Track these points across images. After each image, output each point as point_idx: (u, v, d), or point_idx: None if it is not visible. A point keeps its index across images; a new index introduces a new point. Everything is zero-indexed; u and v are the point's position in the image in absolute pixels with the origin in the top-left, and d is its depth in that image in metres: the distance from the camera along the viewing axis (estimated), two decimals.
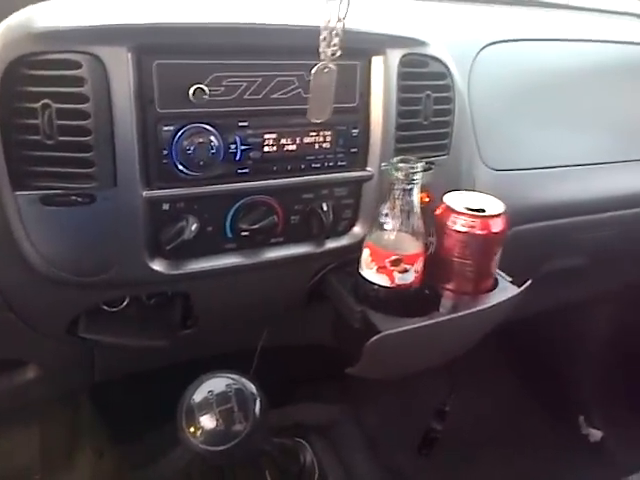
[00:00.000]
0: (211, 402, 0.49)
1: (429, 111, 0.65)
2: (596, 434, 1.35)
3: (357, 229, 0.65)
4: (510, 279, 0.69)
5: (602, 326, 1.38)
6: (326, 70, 0.51)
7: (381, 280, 0.60)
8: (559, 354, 1.40)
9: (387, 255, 0.59)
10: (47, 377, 0.63)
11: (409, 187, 0.58)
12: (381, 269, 0.59)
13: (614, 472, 0.92)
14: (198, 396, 0.50)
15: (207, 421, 0.48)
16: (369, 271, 0.60)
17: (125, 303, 0.59)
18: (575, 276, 1.05)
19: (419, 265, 0.61)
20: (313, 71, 0.50)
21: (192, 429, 0.49)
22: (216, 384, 0.50)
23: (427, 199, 0.68)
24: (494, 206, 0.64)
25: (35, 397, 0.67)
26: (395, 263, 0.59)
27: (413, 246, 0.60)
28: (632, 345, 1.34)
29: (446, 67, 0.66)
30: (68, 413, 0.78)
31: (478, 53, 0.85)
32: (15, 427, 0.77)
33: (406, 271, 0.60)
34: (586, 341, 1.38)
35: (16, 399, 0.65)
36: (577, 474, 1.23)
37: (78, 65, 0.46)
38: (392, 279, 0.60)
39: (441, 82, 0.66)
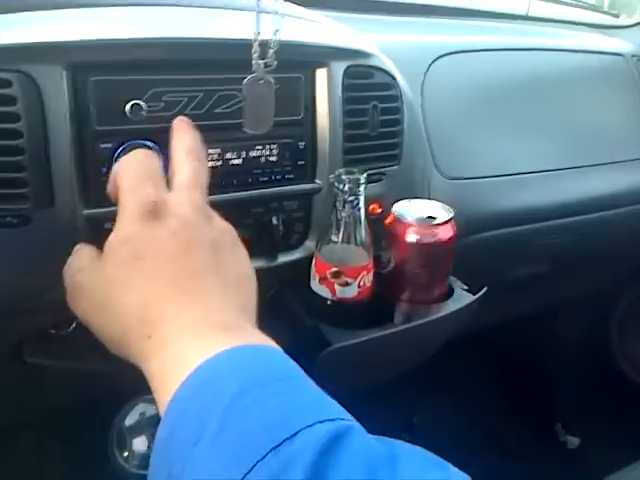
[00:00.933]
0: (142, 425, 0.48)
1: (376, 122, 0.65)
2: (573, 441, 1.35)
3: (309, 242, 0.65)
4: (466, 287, 0.69)
5: (576, 332, 1.39)
6: (262, 82, 0.51)
7: (323, 292, 0.60)
8: (534, 362, 1.40)
9: (328, 267, 0.59)
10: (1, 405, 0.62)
11: (354, 198, 0.58)
12: (322, 280, 0.59)
13: (592, 478, 0.92)
14: (129, 420, 0.49)
15: (139, 444, 0.47)
16: (314, 282, 0.60)
17: (73, 325, 0.58)
18: (540, 283, 1.06)
19: (365, 279, 0.60)
20: (245, 82, 0.50)
21: (125, 454, 0.48)
22: (147, 407, 0.49)
23: (379, 210, 0.68)
24: (444, 213, 0.64)
25: None
26: (336, 275, 0.59)
27: (358, 259, 0.60)
28: (606, 351, 1.35)
29: (392, 77, 0.67)
30: (29, 443, 0.76)
31: (431, 64, 0.86)
32: None
33: (347, 284, 0.60)
34: (561, 348, 1.39)
35: None
36: None
37: (8, 84, 0.46)
38: (333, 291, 0.59)
39: (387, 92, 0.66)
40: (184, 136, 0.47)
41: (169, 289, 0.39)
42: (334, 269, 0.58)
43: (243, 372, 0.34)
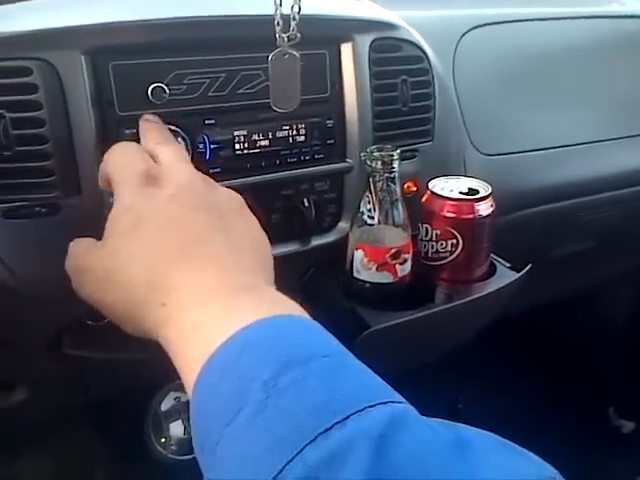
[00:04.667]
0: (179, 409, 0.47)
1: (407, 97, 0.63)
2: (628, 425, 1.30)
3: (343, 224, 0.63)
4: (509, 265, 0.66)
5: (626, 312, 1.33)
6: (286, 56, 0.49)
7: (384, 278, 0.58)
8: (582, 344, 1.35)
9: (387, 250, 0.57)
10: (39, 397, 0.62)
11: (388, 176, 0.56)
12: (382, 266, 0.57)
13: None
14: (165, 404, 0.48)
15: (176, 429, 0.46)
16: (368, 272, 0.58)
17: None
18: (587, 260, 1.01)
19: (411, 255, 0.59)
20: (270, 57, 0.48)
21: (162, 439, 0.47)
22: (183, 390, 0.48)
23: (414, 188, 0.66)
24: (482, 189, 0.62)
25: (30, 417, 0.65)
26: (395, 256, 0.57)
27: (404, 235, 0.58)
28: None
29: (421, 50, 0.64)
30: (74, 433, 0.77)
31: (461, 38, 0.83)
32: (22, 450, 0.76)
33: (406, 261, 0.58)
34: (610, 328, 1.34)
35: (10, 420, 0.64)
36: (610, 467, 1.18)
37: (29, 72, 0.45)
38: (395, 273, 0.58)
39: (417, 66, 0.64)
40: (151, 129, 0.47)
41: (175, 253, 0.38)
42: (393, 250, 0.56)
43: (281, 345, 0.32)
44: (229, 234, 0.40)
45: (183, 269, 0.37)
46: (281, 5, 0.46)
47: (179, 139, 0.51)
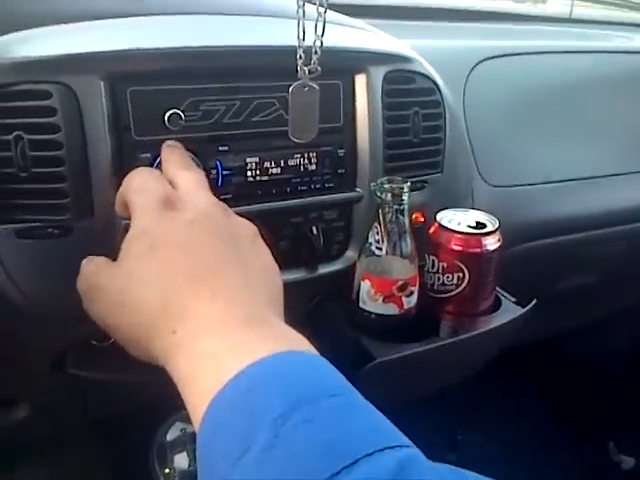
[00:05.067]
0: (184, 440, 0.47)
1: (418, 128, 0.63)
2: (628, 461, 1.29)
3: (350, 253, 0.63)
4: (514, 299, 0.66)
5: (628, 346, 1.33)
6: (306, 89, 0.50)
7: (390, 309, 0.58)
8: (583, 377, 1.34)
9: (394, 282, 0.57)
10: (40, 416, 0.62)
11: (397, 208, 0.56)
12: (389, 298, 0.57)
13: None
14: (170, 435, 0.47)
15: (181, 460, 0.46)
16: (374, 303, 0.58)
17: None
18: (591, 294, 1.01)
19: (417, 287, 0.59)
20: (291, 89, 0.49)
21: (166, 470, 0.47)
22: (189, 421, 0.48)
23: (422, 219, 0.66)
24: (489, 223, 0.62)
25: (31, 436, 0.65)
26: (402, 288, 0.58)
27: (411, 268, 0.58)
28: None
29: (434, 82, 0.65)
30: (75, 453, 0.76)
31: (472, 69, 0.84)
32: (21, 469, 0.76)
33: (412, 293, 0.59)
34: (612, 362, 1.33)
35: (11, 438, 0.64)
36: None
37: (48, 95, 0.46)
38: (401, 305, 0.58)
39: (429, 98, 0.64)
40: (172, 153, 0.48)
41: (191, 281, 0.38)
42: (400, 282, 0.56)
43: (291, 383, 0.32)
44: (243, 264, 0.41)
45: (196, 297, 0.37)
46: (304, 39, 0.46)
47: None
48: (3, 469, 0.75)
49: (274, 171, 0.57)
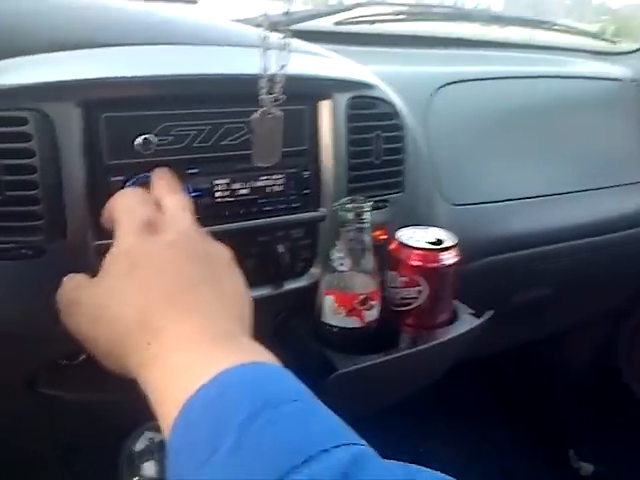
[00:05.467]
0: (152, 449, 0.49)
1: (380, 150, 0.67)
2: (587, 467, 1.33)
3: (314, 269, 0.66)
4: (471, 311, 0.69)
5: (584, 356, 1.38)
6: (270, 116, 0.53)
7: (352, 323, 0.61)
8: (543, 387, 1.39)
9: (355, 296, 0.60)
10: (10, 435, 0.62)
11: (359, 226, 0.60)
12: (351, 312, 0.60)
13: None
14: (139, 445, 0.49)
15: (148, 469, 0.48)
16: (337, 316, 0.61)
17: (83, 356, 0.58)
18: (547, 307, 1.06)
19: (379, 301, 0.62)
20: (253, 117, 0.52)
21: (135, 479, 0.48)
22: (156, 433, 0.50)
23: (384, 236, 0.69)
24: (448, 239, 0.65)
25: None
26: (363, 302, 0.61)
27: (372, 283, 0.61)
28: (615, 374, 1.34)
29: (395, 107, 0.68)
30: (43, 477, 0.76)
31: (433, 93, 0.88)
32: None
33: (373, 307, 0.61)
34: (569, 372, 1.38)
35: None
36: None
37: (24, 121, 0.47)
38: (363, 318, 0.61)
39: (390, 122, 0.68)
40: (163, 177, 0.51)
41: (168, 298, 0.41)
42: (362, 296, 0.59)
43: (256, 390, 0.35)
44: (216, 285, 0.44)
45: (172, 314, 0.40)
46: (266, 70, 0.49)
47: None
48: None
49: (242, 192, 0.59)
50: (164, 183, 0.50)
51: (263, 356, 0.40)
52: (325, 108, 0.63)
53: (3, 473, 0.60)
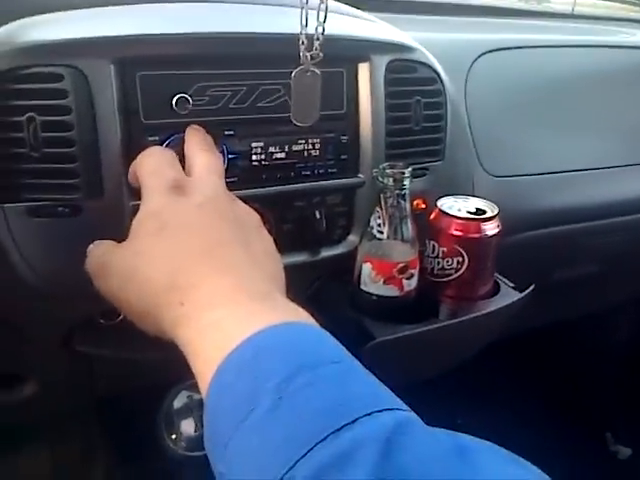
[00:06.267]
0: (191, 407, 0.48)
1: (419, 117, 0.65)
2: (625, 451, 1.30)
3: (352, 237, 0.64)
4: (512, 285, 0.67)
5: (626, 337, 1.34)
6: (309, 74, 0.52)
7: (390, 291, 0.59)
8: (582, 368, 1.36)
9: (394, 265, 0.58)
10: (47, 393, 0.63)
11: (399, 193, 0.58)
12: (389, 280, 0.59)
13: None
14: (177, 402, 0.49)
15: (187, 426, 0.48)
16: (375, 285, 0.59)
17: (122, 315, 0.58)
18: (591, 284, 1.03)
19: (418, 270, 0.61)
20: (293, 74, 0.50)
21: (173, 436, 0.48)
22: (195, 390, 0.49)
23: (423, 205, 0.67)
24: (488, 209, 0.63)
25: (38, 413, 0.67)
26: (402, 270, 0.59)
27: (411, 251, 0.60)
28: None
29: (435, 72, 0.66)
30: (77, 431, 0.78)
31: (474, 62, 0.85)
32: (24, 446, 0.77)
33: (412, 276, 0.60)
34: (610, 353, 1.34)
35: (18, 415, 0.66)
36: None
37: (60, 78, 0.47)
38: (402, 287, 0.59)
39: (431, 87, 0.66)
40: (195, 134, 0.50)
41: (198, 257, 0.40)
42: (401, 265, 0.58)
43: (295, 350, 0.34)
44: (248, 246, 0.42)
45: (203, 273, 0.39)
46: (307, 26, 0.48)
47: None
48: (6, 449, 0.76)
49: (278, 156, 0.58)
50: (196, 141, 0.49)
51: (299, 315, 0.38)
52: (364, 71, 0.61)
53: (41, 431, 0.61)
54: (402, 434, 0.29)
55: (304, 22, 0.49)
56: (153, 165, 0.46)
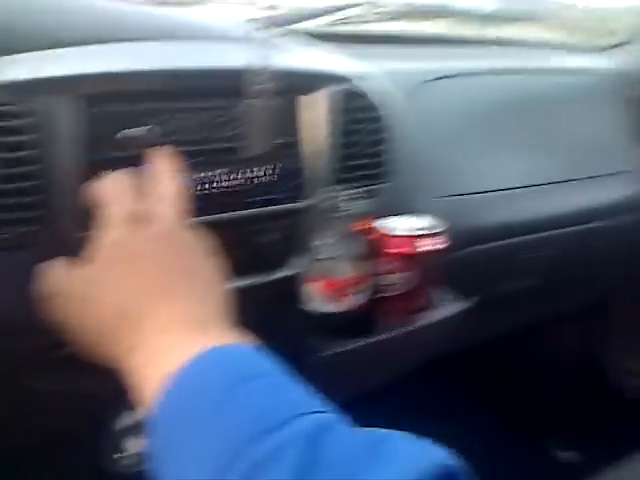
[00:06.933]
0: (134, 427, 0.51)
1: (364, 142, 0.69)
2: (568, 456, 1.35)
3: (301, 259, 0.67)
4: (454, 297, 0.72)
5: (567, 346, 1.40)
6: (257, 105, 0.55)
7: (335, 307, 0.63)
8: (522, 378, 1.41)
9: (339, 283, 0.62)
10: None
11: (345, 214, 0.62)
12: (334, 297, 0.62)
13: None
14: (120, 424, 0.51)
15: (132, 445, 0.50)
16: (320, 302, 0.63)
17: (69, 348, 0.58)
18: (532, 296, 1.08)
19: (364, 287, 0.64)
20: (243, 106, 0.54)
21: (117, 455, 0.50)
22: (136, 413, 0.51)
23: (369, 226, 0.71)
24: (429, 227, 0.68)
25: None
26: (347, 288, 0.63)
27: (356, 269, 0.63)
28: (597, 364, 1.36)
29: (377, 100, 0.70)
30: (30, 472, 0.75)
31: (420, 88, 0.90)
32: None
33: (357, 293, 0.64)
34: (551, 363, 1.40)
35: None
36: None
37: (20, 115, 0.49)
38: (346, 303, 0.63)
39: (373, 114, 0.70)
40: (155, 163, 0.52)
41: (151, 288, 0.43)
42: (345, 282, 0.62)
43: (233, 367, 0.38)
44: (198, 274, 0.46)
45: (155, 302, 0.42)
46: (253, 63, 0.51)
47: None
48: None
49: (231, 184, 0.61)
50: (155, 169, 0.51)
51: (240, 337, 0.42)
52: (309, 101, 0.64)
53: None
54: (325, 432, 0.33)
55: (250, 59, 0.52)
56: (112, 193, 0.48)
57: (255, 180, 0.63)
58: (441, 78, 0.95)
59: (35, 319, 0.46)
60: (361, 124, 0.69)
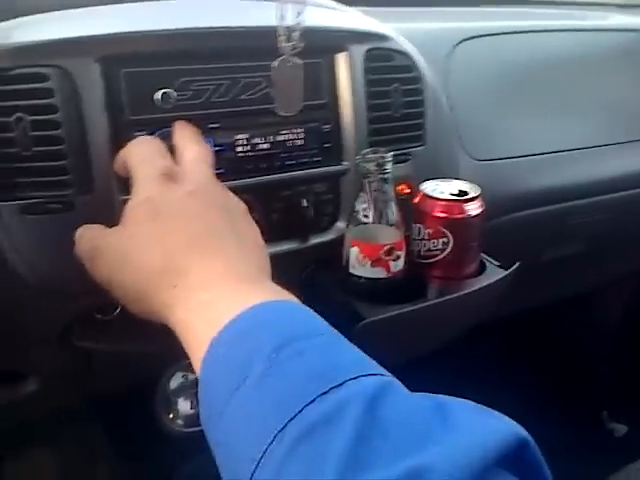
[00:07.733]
0: (185, 386, 0.50)
1: (399, 103, 0.66)
2: (621, 429, 1.32)
3: (340, 224, 0.66)
4: (498, 264, 0.69)
5: (619, 315, 1.36)
6: (289, 64, 0.53)
7: (378, 273, 0.61)
8: (574, 347, 1.37)
9: (381, 247, 0.60)
10: (48, 389, 0.64)
11: (383, 177, 0.59)
12: (376, 262, 0.60)
13: None
14: (173, 383, 0.51)
15: (184, 405, 0.49)
16: (363, 267, 0.61)
17: (118, 310, 0.60)
18: (579, 263, 1.04)
19: (404, 251, 0.62)
20: (274, 65, 0.52)
21: (170, 415, 0.50)
22: (189, 370, 0.51)
23: (407, 190, 0.69)
24: (471, 190, 0.65)
25: (40, 411, 0.67)
26: (389, 253, 0.61)
27: (397, 234, 0.61)
28: None
29: (412, 60, 0.68)
30: (79, 429, 0.78)
31: (453, 48, 0.87)
32: (28, 447, 0.78)
33: (399, 258, 0.61)
34: (603, 332, 1.36)
35: (20, 414, 0.67)
36: (603, 470, 1.20)
37: (46, 78, 0.48)
38: (389, 269, 0.61)
39: (409, 74, 0.67)
40: (183, 127, 0.51)
41: (190, 243, 0.42)
42: (387, 247, 0.59)
43: (284, 324, 0.36)
44: (236, 232, 0.44)
45: (195, 256, 0.41)
46: (285, 18, 0.49)
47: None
48: (10, 450, 0.77)
49: (263, 147, 0.60)
50: (184, 134, 0.50)
51: (286, 296, 0.40)
52: (342, 61, 0.62)
53: (43, 427, 0.62)
54: (385, 395, 0.31)
55: (280, 16, 0.50)
56: (143, 153, 0.47)
57: (288, 143, 0.61)
58: (475, 37, 0.91)
59: (82, 281, 0.45)
60: (397, 84, 0.66)
